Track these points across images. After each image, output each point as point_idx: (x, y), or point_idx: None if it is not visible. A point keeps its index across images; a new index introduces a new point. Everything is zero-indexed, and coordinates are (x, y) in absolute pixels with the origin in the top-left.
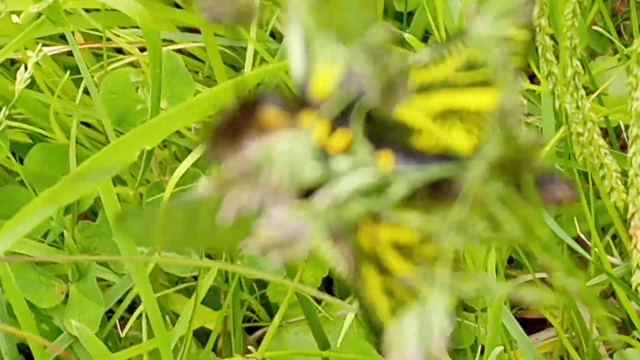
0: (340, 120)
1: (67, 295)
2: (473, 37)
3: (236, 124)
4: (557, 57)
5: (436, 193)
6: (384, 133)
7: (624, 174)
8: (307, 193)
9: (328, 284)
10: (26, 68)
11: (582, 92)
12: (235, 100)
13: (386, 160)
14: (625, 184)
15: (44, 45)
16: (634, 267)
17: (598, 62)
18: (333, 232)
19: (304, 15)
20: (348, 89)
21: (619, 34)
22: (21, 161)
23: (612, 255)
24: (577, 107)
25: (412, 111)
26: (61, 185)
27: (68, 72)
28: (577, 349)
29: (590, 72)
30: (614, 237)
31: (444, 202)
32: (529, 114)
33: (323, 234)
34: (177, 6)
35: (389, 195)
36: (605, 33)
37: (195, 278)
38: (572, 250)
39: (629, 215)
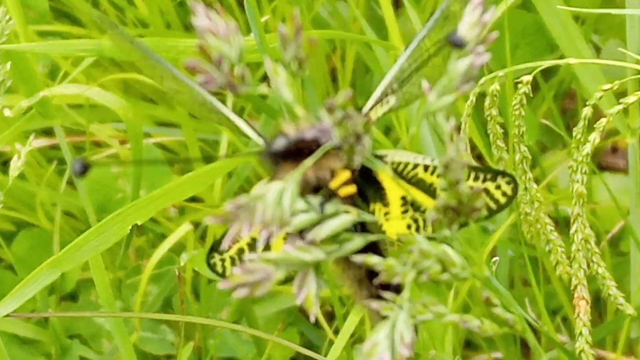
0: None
1: None
2: (427, 107)
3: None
4: (507, 145)
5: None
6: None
7: (570, 257)
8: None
9: None
10: (19, 157)
11: (530, 175)
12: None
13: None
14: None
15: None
16: (577, 334)
17: (549, 156)
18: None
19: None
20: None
21: (568, 129)
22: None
23: (562, 334)
24: (525, 189)
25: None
26: (63, 253)
27: (54, 163)
28: None
29: (541, 164)
30: (564, 319)
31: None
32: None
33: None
34: (153, 102)
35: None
36: (555, 128)
37: (169, 358)
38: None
39: (572, 287)
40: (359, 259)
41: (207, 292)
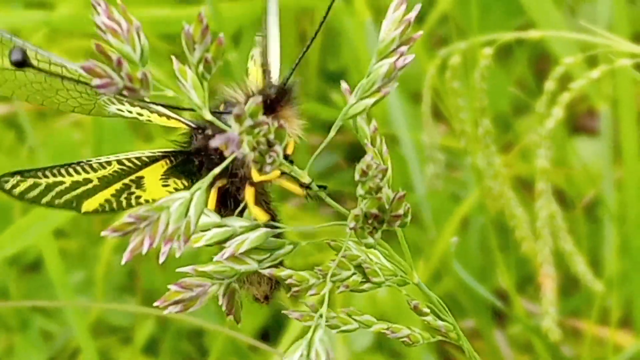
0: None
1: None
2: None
3: None
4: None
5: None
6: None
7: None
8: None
9: (264, 334)
10: None
11: (493, 148)
12: None
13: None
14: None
15: None
16: (544, 313)
17: (525, 119)
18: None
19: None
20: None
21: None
22: None
23: (535, 303)
24: (488, 164)
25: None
26: (6, 235)
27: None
28: None
29: (515, 129)
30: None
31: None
32: (449, 168)
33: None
34: None
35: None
36: (523, 96)
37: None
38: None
39: (538, 265)
40: (268, 272)
41: (172, 262)
